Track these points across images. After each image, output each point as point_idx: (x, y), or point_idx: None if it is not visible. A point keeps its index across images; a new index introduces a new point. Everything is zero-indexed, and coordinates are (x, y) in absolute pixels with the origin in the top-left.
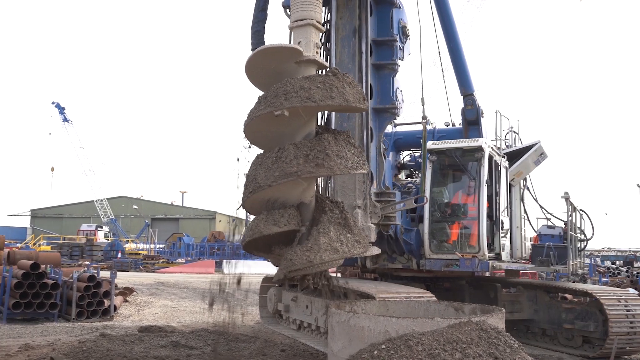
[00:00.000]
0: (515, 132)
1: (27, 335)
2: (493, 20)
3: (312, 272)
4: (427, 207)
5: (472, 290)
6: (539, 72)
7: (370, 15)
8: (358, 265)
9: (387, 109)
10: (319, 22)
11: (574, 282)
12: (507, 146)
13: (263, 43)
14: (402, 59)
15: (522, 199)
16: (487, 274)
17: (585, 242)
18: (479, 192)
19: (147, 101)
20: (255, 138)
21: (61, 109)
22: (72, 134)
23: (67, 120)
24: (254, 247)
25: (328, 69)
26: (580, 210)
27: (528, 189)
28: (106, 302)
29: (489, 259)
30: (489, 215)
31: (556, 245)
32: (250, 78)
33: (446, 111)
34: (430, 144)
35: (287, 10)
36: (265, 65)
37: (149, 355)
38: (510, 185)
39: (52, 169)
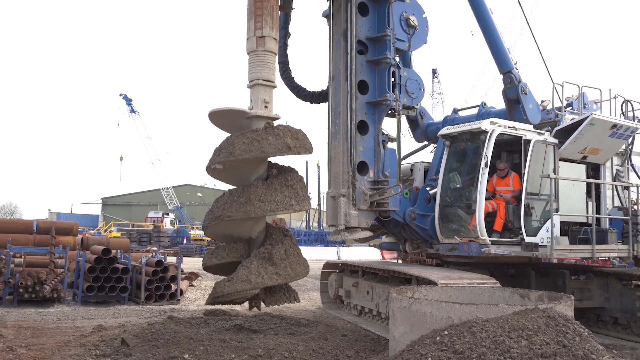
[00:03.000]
0: (629, 100)
1: (100, 317)
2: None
3: (234, 299)
4: (438, 192)
5: (539, 277)
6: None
7: (366, 15)
8: (401, 250)
9: (380, 102)
10: (267, 80)
11: None
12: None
13: (287, 57)
14: (408, 49)
15: (614, 179)
16: (555, 260)
17: None
18: (479, 175)
19: (209, 92)
20: (221, 179)
21: (128, 101)
22: (139, 124)
23: (134, 111)
24: (215, 271)
25: (268, 122)
26: None
27: (633, 167)
28: (173, 286)
29: (512, 244)
30: (518, 198)
31: (595, 228)
32: (219, 127)
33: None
34: (444, 130)
35: (328, 20)
36: (224, 121)
37: (213, 337)
38: (589, 165)
39: (121, 159)
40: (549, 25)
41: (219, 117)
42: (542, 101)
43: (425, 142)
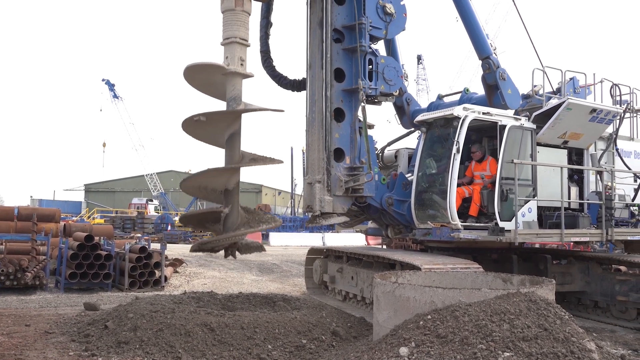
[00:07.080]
0: (617, 85)
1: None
2: None
3: (215, 247)
4: (414, 178)
5: (521, 261)
6: None
7: (343, 4)
8: (384, 236)
9: (354, 89)
10: (243, 39)
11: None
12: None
13: (268, 47)
14: (385, 37)
15: (599, 164)
16: (537, 245)
17: None
18: (452, 161)
19: None
20: (196, 136)
21: (111, 86)
22: (122, 110)
23: (117, 97)
24: (188, 223)
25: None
26: None
27: (618, 151)
28: (157, 273)
29: (485, 229)
30: (495, 183)
31: (566, 213)
32: (191, 85)
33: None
34: (420, 116)
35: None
36: (199, 76)
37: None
38: (573, 150)
39: (104, 145)
40: (534, 11)
41: (197, 72)
42: (535, 86)
43: (412, 129)
